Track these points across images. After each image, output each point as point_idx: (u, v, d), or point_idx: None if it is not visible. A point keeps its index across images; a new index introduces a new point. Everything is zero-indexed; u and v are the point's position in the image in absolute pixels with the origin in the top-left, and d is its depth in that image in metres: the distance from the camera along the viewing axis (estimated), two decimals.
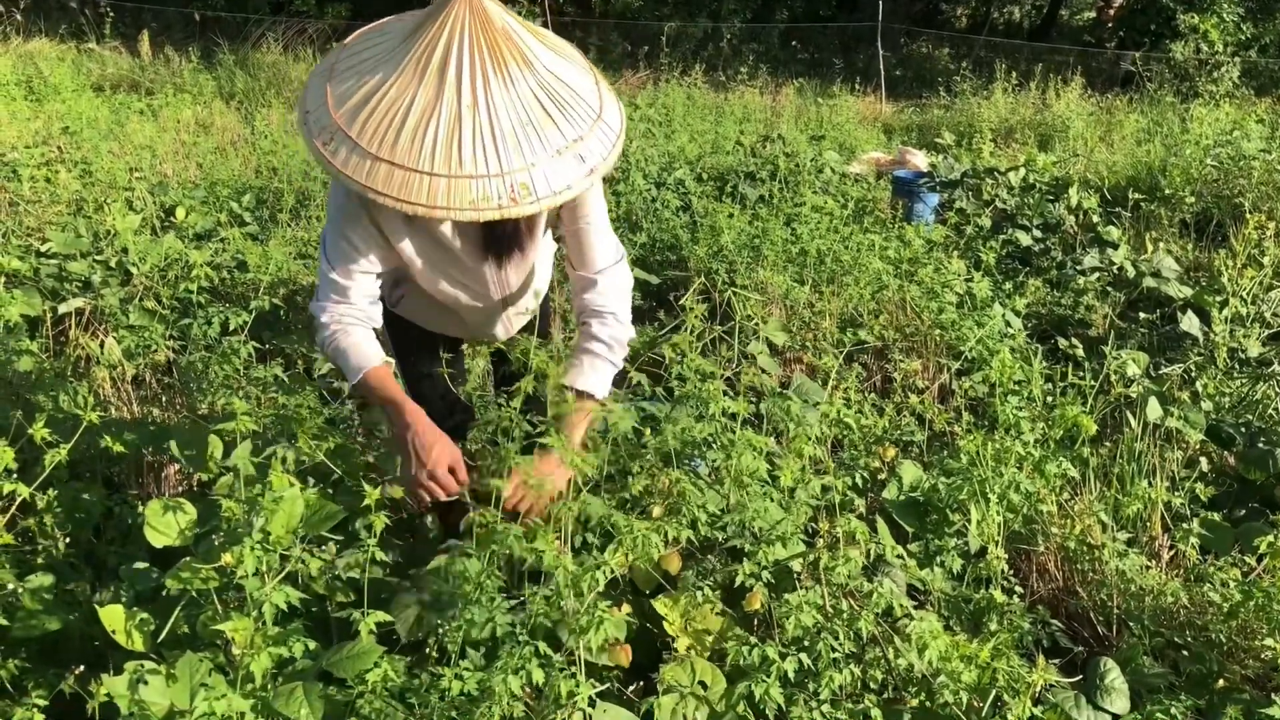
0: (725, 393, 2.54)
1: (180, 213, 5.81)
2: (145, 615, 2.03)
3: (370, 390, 2.19)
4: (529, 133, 1.92)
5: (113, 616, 2.00)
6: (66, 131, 7.92)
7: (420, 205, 1.85)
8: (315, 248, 5.53)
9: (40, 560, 2.44)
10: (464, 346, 2.37)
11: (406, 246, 2.20)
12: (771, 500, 2.39)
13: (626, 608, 2.19)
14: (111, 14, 16.34)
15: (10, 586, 2.20)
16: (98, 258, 4.86)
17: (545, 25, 17.42)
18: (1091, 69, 15.83)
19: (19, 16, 17.28)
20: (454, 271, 2.29)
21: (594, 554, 2.02)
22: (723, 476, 2.42)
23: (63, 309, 4.33)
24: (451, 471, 2.10)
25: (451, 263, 2.27)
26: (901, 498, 2.90)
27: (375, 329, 2.25)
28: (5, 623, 2.13)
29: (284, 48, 15.92)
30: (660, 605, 2.18)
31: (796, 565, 2.29)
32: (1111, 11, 19.92)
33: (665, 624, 2.16)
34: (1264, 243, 5.23)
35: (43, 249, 4.94)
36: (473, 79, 1.88)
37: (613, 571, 1.93)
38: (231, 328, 4.15)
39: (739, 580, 2.19)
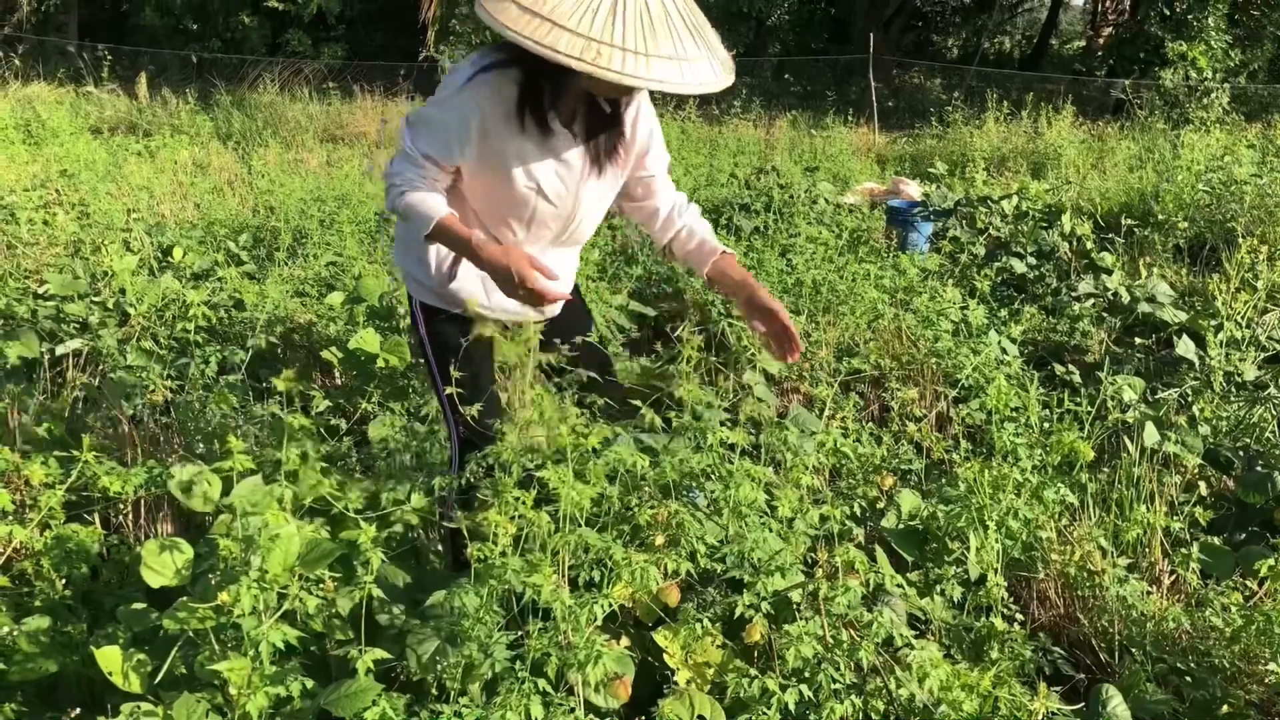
0: (723, 423, 2.53)
1: (177, 253, 5.83)
2: (142, 656, 2.02)
3: (443, 236, 2.42)
4: (707, 29, 2.29)
5: (109, 658, 1.99)
6: (64, 174, 7.97)
7: (692, 85, 2.17)
8: (312, 286, 5.54)
9: (38, 603, 2.43)
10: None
11: (508, 150, 2.42)
12: (770, 530, 2.38)
13: (626, 641, 2.18)
14: (109, 57, 16.48)
15: (7, 629, 2.19)
16: (95, 299, 4.88)
17: None
18: (1082, 97, 15.97)
19: (17, 61, 17.43)
20: (555, 182, 2.51)
21: (594, 587, 2.02)
22: (721, 507, 2.42)
23: (60, 350, 4.33)
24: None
25: (558, 171, 2.51)
26: (901, 526, 2.90)
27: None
28: (2, 666, 2.12)
29: (280, 88, 16.06)
30: (661, 637, 2.17)
31: (796, 596, 2.28)
32: (1101, 40, 20.14)
33: (666, 656, 2.15)
34: (1257, 266, 5.25)
35: (40, 291, 4.96)
36: None
37: (610, 605, 1.93)
38: (229, 367, 4.17)
39: (738, 611, 2.18)
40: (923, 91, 19.37)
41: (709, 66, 2.20)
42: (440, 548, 2.87)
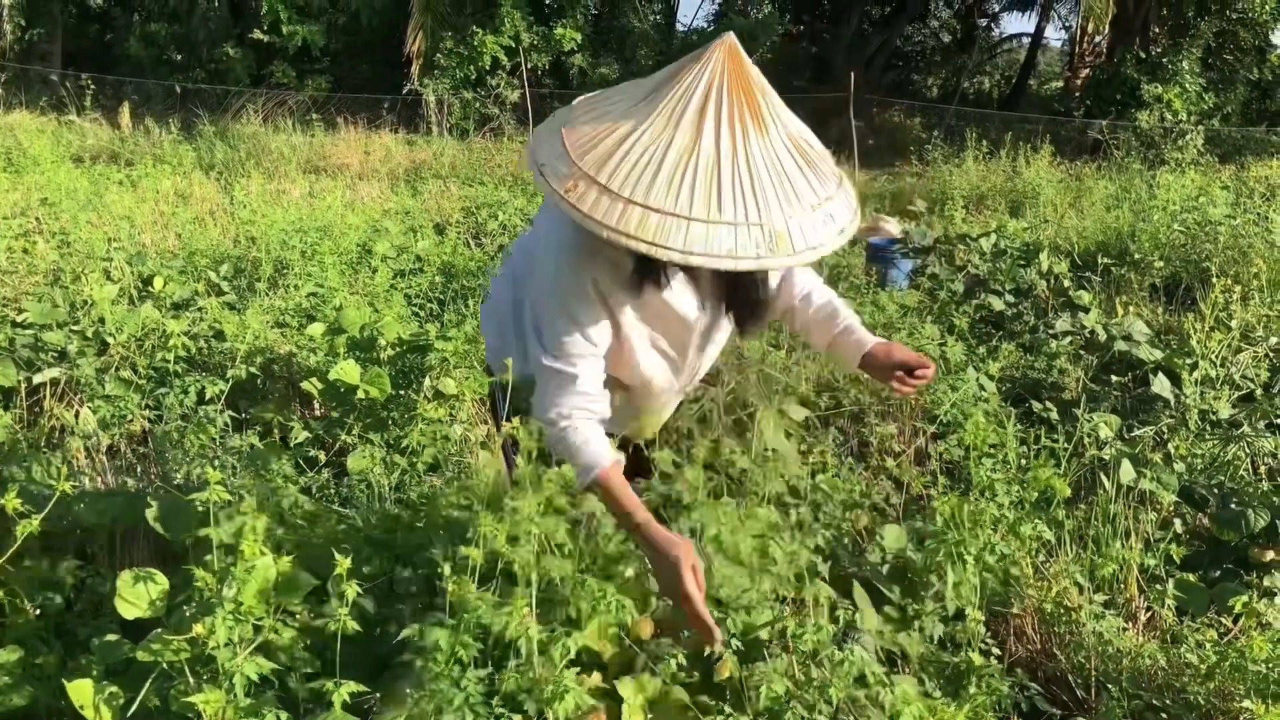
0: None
1: (158, 282, 5.81)
2: (115, 689, 1.99)
3: (602, 494, 2.07)
4: (784, 184, 1.86)
5: (81, 691, 1.97)
6: (45, 203, 7.95)
7: (676, 251, 1.76)
8: (292, 316, 5.53)
9: (10, 634, 2.40)
10: None
11: (628, 316, 2.16)
12: (742, 565, 2.38)
13: (598, 675, 2.17)
14: (92, 87, 16.47)
15: None
16: (74, 328, 4.85)
17: (524, 96, 17.65)
18: (1060, 137, 16.17)
19: (0, 89, 17.41)
20: (670, 344, 2.30)
21: (570, 622, 2.01)
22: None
23: (38, 379, 4.31)
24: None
25: (674, 334, 2.27)
26: (885, 564, 2.88)
27: (604, 420, 2.15)
28: None
29: (264, 119, 16.08)
30: (624, 688, 2.12)
31: (765, 634, 2.28)
32: (1078, 81, 20.42)
33: (625, 708, 2.09)
34: (1230, 306, 5.32)
35: (19, 319, 4.93)
36: (731, 126, 1.83)
37: (583, 640, 1.92)
38: (208, 397, 4.15)
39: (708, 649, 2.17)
40: (903, 130, 19.56)
41: (739, 234, 1.79)
42: None
